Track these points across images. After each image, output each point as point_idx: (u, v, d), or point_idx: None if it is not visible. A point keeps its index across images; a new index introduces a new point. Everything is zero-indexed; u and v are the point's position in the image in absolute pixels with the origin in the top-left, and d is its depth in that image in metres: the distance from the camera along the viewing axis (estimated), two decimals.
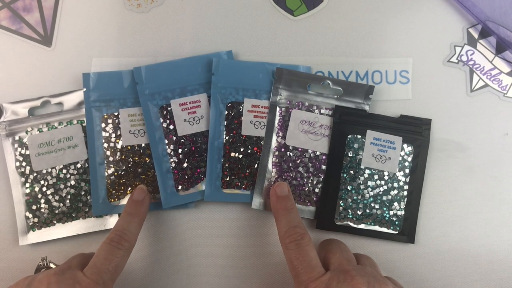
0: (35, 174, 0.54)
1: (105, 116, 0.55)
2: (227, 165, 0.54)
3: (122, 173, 0.55)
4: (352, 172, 0.54)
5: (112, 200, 0.54)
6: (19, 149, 0.55)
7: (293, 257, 0.45)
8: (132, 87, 0.55)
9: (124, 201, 0.54)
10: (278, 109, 0.55)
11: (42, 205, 0.54)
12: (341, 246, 0.48)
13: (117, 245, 0.47)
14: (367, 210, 0.54)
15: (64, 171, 0.55)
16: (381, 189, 0.54)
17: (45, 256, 0.51)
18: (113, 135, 0.55)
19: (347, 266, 0.44)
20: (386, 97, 0.57)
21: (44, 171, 0.54)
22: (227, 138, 0.55)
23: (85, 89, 0.55)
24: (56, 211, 0.54)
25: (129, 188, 0.55)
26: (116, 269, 0.46)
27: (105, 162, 0.55)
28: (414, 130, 0.55)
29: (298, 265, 0.44)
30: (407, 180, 0.54)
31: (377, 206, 0.54)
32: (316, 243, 0.55)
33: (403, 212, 0.54)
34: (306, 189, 0.54)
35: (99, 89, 0.55)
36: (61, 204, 0.54)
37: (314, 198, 0.54)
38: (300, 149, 0.54)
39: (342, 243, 0.49)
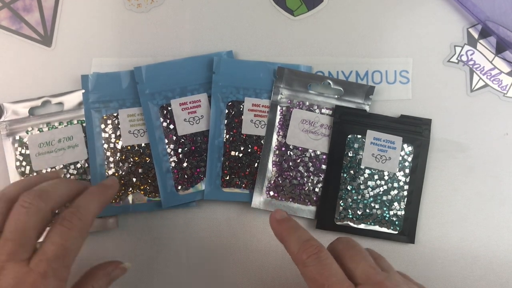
0: (35, 174, 0.54)
1: (105, 117, 0.55)
2: (227, 164, 0.54)
3: (123, 173, 0.55)
4: (352, 172, 0.54)
5: (113, 201, 0.54)
6: (19, 148, 0.55)
7: (316, 274, 0.39)
8: (131, 87, 0.55)
9: (125, 202, 0.55)
10: (278, 108, 0.55)
11: None
12: (360, 250, 0.43)
13: (68, 224, 0.40)
14: (367, 210, 0.54)
15: (64, 171, 0.55)
16: (381, 189, 0.54)
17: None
18: (113, 135, 0.55)
19: (377, 276, 0.40)
20: (386, 97, 0.57)
21: (44, 171, 0.54)
22: (227, 137, 0.55)
23: (83, 91, 0.55)
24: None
25: (130, 188, 0.55)
26: (66, 254, 0.40)
27: (106, 163, 0.55)
28: (414, 130, 0.55)
29: (324, 281, 0.39)
30: (407, 180, 0.54)
31: (377, 206, 0.54)
32: None
33: (403, 212, 0.54)
34: (306, 189, 0.54)
35: (98, 91, 0.55)
36: None
37: (314, 198, 0.54)
38: (300, 149, 0.54)
39: (357, 244, 0.44)
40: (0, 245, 0.39)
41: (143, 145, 0.55)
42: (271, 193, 0.54)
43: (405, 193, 0.54)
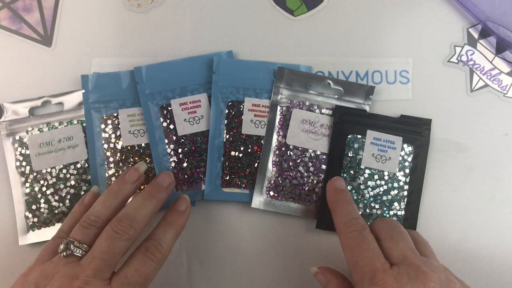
0: (35, 174, 0.54)
1: (105, 117, 0.55)
2: (227, 164, 0.54)
3: None
4: (352, 172, 0.54)
5: None
6: (19, 148, 0.55)
7: (354, 245, 0.42)
8: (131, 87, 0.55)
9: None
10: (279, 108, 0.55)
11: (42, 205, 0.54)
12: (402, 231, 0.44)
13: (151, 256, 0.44)
14: (367, 210, 0.54)
15: (64, 171, 0.55)
16: (381, 189, 0.54)
17: (69, 240, 0.45)
18: (113, 135, 0.55)
19: (415, 259, 0.41)
20: (386, 97, 0.57)
21: (44, 171, 0.54)
22: (227, 137, 0.55)
23: (83, 91, 0.55)
24: (56, 211, 0.54)
25: None
26: (145, 282, 0.44)
27: (106, 163, 0.55)
28: (414, 130, 0.55)
29: (360, 253, 0.41)
30: (407, 180, 0.54)
31: (377, 206, 0.54)
32: (316, 243, 0.55)
33: (403, 212, 0.54)
34: (306, 189, 0.54)
35: (98, 91, 0.55)
36: (61, 204, 0.54)
37: (314, 198, 0.54)
38: (300, 149, 0.54)
39: (401, 226, 0.45)
40: (87, 260, 0.42)
41: (143, 145, 0.55)
42: (271, 193, 0.54)
43: (405, 193, 0.54)
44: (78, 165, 0.55)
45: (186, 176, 0.54)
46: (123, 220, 0.44)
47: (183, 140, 0.55)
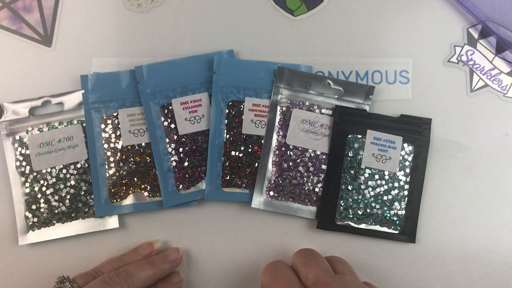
0: (35, 174, 0.54)
1: (105, 117, 0.55)
2: (227, 163, 0.54)
3: (124, 173, 0.55)
4: (352, 171, 0.54)
5: (114, 200, 0.54)
6: (19, 148, 0.55)
7: (270, 279, 0.44)
8: (131, 87, 0.55)
9: (126, 201, 0.55)
10: (279, 108, 0.55)
11: (42, 205, 0.54)
12: (316, 256, 0.47)
13: (114, 285, 0.46)
14: (368, 210, 0.54)
15: (64, 171, 0.55)
16: (382, 188, 0.54)
17: (64, 276, 0.49)
18: (113, 135, 0.55)
19: (327, 278, 0.43)
20: (386, 97, 0.57)
21: (44, 171, 0.54)
22: (227, 136, 0.55)
23: (83, 91, 0.55)
24: (56, 211, 0.54)
25: (131, 188, 0.55)
26: None
27: (106, 163, 0.55)
28: (415, 129, 0.55)
29: (275, 284, 0.44)
30: (408, 179, 0.54)
31: (377, 206, 0.54)
32: (316, 243, 0.55)
33: (403, 212, 0.54)
34: (306, 189, 0.54)
35: (98, 91, 0.55)
36: (61, 204, 0.54)
37: (314, 198, 0.54)
38: (300, 149, 0.54)
39: (315, 251, 0.48)
40: None
41: (143, 144, 0.55)
42: (271, 193, 0.54)
43: (406, 192, 0.54)
44: (78, 165, 0.55)
45: (187, 176, 0.54)
46: (121, 273, 0.47)
47: (184, 139, 0.55)
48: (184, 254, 0.55)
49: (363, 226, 0.54)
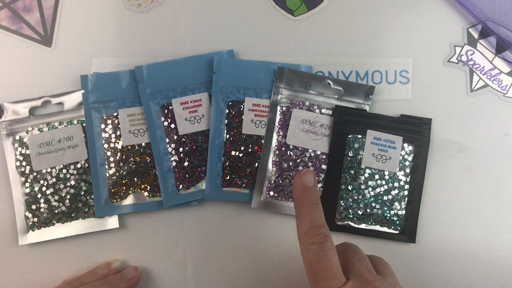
0: (35, 174, 0.54)
1: (104, 117, 0.55)
2: (227, 163, 0.54)
3: (124, 173, 0.55)
4: (352, 171, 0.54)
5: (114, 200, 0.54)
6: (19, 148, 0.55)
7: (314, 261, 0.41)
8: (131, 87, 0.55)
9: (126, 201, 0.55)
10: (279, 108, 0.55)
11: (42, 205, 0.54)
12: (359, 253, 0.45)
13: None
14: (368, 210, 0.54)
15: (64, 171, 0.55)
16: (382, 188, 0.54)
17: None
18: (113, 135, 0.55)
19: (369, 276, 0.41)
20: (386, 97, 0.57)
21: (44, 171, 0.54)
22: (227, 136, 0.55)
23: (83, 91, 0.55)
24: (56, 211, 0.54)
25: (131, 188, 0.55)
26: None
27: (106, 163, 0.55)
28: (415, 129, 0.55)
29: (319, 270, 0.40)
30: (408, 179, 0.54)
31: (378, 206, 0.54)
32: None
33: (403, 212, 0.54)
34: None
35: (97, 91, 0.55)
36: (61, 204, 0.54)
37: None
38: (300, 149, 0.55)
39: (359, 249, 0.46)
40: None
41: (143, 144, 0.55)
42: (271, 193, 0.54)
43: (406, 192, 0.54)
44: (78, 165, 0.55)
45: (187, 176, 0.54)
46: None
47: (184, 139, 0.55)
48: (142, 272, 0.55)
49: (363, 226, 0.54)
